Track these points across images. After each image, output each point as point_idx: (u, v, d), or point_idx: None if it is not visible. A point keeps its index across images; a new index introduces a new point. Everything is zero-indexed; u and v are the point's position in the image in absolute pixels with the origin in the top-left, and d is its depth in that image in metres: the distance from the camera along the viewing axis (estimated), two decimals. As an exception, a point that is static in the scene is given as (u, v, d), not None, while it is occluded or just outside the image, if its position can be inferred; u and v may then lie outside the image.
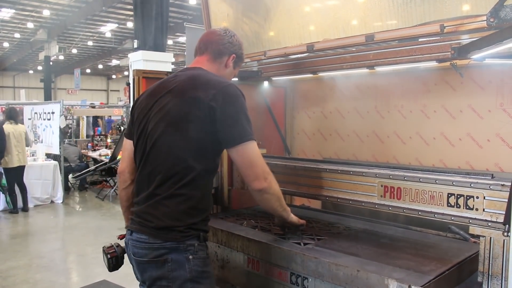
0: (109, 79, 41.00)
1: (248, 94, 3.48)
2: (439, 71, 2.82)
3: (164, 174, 1.86)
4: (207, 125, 1.86)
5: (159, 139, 1.90)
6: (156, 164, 1.90)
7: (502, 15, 1.68)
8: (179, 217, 1.84)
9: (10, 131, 8.41)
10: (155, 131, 1.93)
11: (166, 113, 1.92)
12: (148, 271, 1.88)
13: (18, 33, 22.89)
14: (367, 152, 3.30)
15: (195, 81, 1.95)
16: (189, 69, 2.11)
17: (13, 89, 35.07)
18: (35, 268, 5.60)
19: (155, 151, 1.92)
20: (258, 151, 1.95)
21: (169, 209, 1.85)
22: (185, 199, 1.85)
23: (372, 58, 2.44)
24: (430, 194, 2.03)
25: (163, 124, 1.91)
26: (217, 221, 2.79)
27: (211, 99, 1.85)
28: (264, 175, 1.94)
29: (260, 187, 1.94)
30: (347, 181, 2.34)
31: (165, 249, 1.83)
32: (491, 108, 2.66)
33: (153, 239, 1.84)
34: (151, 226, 1.85)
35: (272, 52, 2.99)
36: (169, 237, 1.83)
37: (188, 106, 1.88)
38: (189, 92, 1.91)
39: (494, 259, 1.81)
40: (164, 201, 1.85)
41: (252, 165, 1.91)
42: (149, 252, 1.85)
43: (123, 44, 24.05)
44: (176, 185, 1.84)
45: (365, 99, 3.31)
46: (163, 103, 1.95)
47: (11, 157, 8.34)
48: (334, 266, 1.98)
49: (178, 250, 1.83)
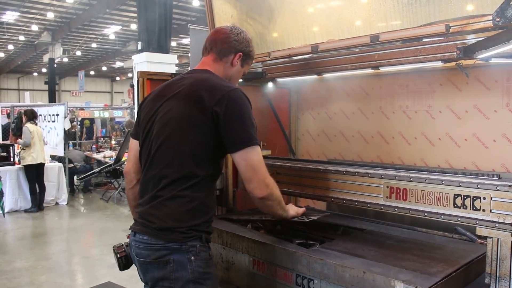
0: (113, 81, 41.11)
1: (253, 95, 3.49)
2: (444, 71, 2.80)
3: (169, 178, 1.86)
4: (211, 130, 1.86)
5: (164, 143, 1.91)
6: (161, 168, 1.90)
7: (509, 15, 1.66)
8: (181, 218, 1.84)
9: (34, 130, 8.77)
10: (159, 135, 1.93)
11: (171, 117, 1.92)
12: (151, 272, 1.88)
13: (23, 35, 23.02)
14: (372, 153, 3.29)
15: (200, 86, 1.94)
16: (195, 72, 2.09)
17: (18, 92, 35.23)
18: (40, 270, 5.61)
19: (160, 155, 1.92)
20: (261, 156, 1.93)
21: (171, 210, 1.85)
22: (188, 201, 1.85)
23: (377, 59, 2.43)
24: (437, 195, 2.01)
25: (168, 129, 1.91)
26: (222, 222, 2.79)
27: (215, 104, 1.84)
28: (265, 182, 1.93)
29: (261, 195, 1.93)
30: (353, 182, 2.33)
31: (167, 250, 1.83)
32: (497, 108, 2.64)
33: (155, 240, 1.85)
34: (153, 227, 1.86)
35: (276, 53, 2.99)
36: (171, 238, 1.83)
37: (193, 111, 1.88)
38: (194, 97, 1.90)
39: (502, 261, 1.79)
40: (167, 202, 1.86)
41: (255, 171, 1.89)
42: (151, 253, 1.86)
43: (127, 46, 24.13)
44: (180, 187, 1.84)
45: (369, 100, 3.29)
46: (169, 107, 1.95)
47: (37, 154, 8.76)
48: (340, 268, 1.97)
49: (180, 251, 1.83)
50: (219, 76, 2.05)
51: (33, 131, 8.72)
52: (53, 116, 10.56)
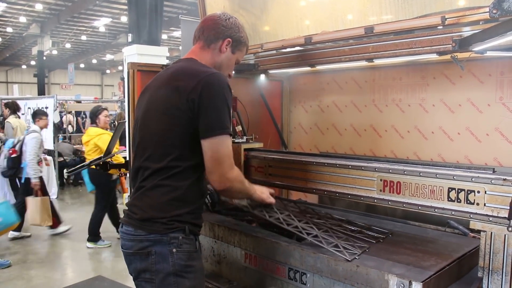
0: (103, 74, 40.74)
1: (245, 87, 3.48)
2: (438, 64, 2.79)
3: (150, 169, 1.85)
4: (190, 119, 1.80)
5: (146, 135, 1.92)
6: (143, 159, 1.90)
7: (506, 7, 1.63)
8: (162, 209, 1.82)
9: (17, 125, 8.33)
10: (142, 126, 1.95)
11: (151, 108, 1.92)
12: (133, 263, 1.87)
13: (11, 27, 22.66)
14: (365, 147, 3.28)
15: (179, 74, 1.88)
16: (180, 61, 2.06)
17: (6, 84, 34.78)
18: (30, 264, 5.55)
19: (142, 147, 1.93)
20: (230, 148, 1.86)
21: (152, 200, 1.83)
22: (169, 190, 1.82)
23: (371, 51, 2.41)
24: (431, 189, 2.00)
25: (147, 121, 1.92)
26: (213, 215, 2.76)
27: (191, 91, 1.79)
28: (227, 177, 1.86)
29: (220, 188, 1.89)
30: (346, 175, 2.31)
31: (149, 242, 1.81)
32: (490, 102, 2.64)
33: (138, 231, 1.83)
34: (136, 218, 1.84)
35: (269, 44, 2.95)
36: (152, 229, 1.81)
37: (170, 101, 1.83)
38: (171, 86, 1.85)
39: (495, 254, 1.78)
40: (148, 192, 1.84)
41: (219, 164, 1.82)
42: (134, 244, 1.84)
43: (117, 39, 23.88)
44: (161, 177, 1.82)
45: (362, 93, 3.28)
46: (151, 99, 1.94)
47: None
48: (333, 262, 1.95)
49: (161, 243, 1.81)
50: (205, 64, 1.98)
51: (16, 126, 8.25)
52: (42, 109, 10.42)
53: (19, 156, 6.26)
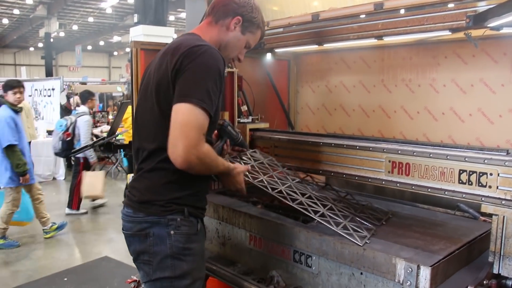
0: (110, 56, 40.61)
1: (250, 66, 3.41)
2: (450, 43, 2.70)
3: (146, 150, 1.80)
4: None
5: (140, 115, 1.89)
6: (140, 140, 1.86)
7: (524, -22, 1.56)
8: (159, 191, 1.78)
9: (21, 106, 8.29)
10: (138, 106, 1.93)
11: (145, 87, 1.86)
12: (133, 244, 1.85)
13: (17, 9, 22.56)
14: (373, 128, 3.21)
15: (171, 48, 1.75)
16: (180, 36, 1.95)
17: (14, 67, 34.81)
18: (37, 245, 5.59)
19: (138, 127, 1.91)
20: (202, 121, 1.63)
21: (150, 183, 1.80)
22: (166, 173, 1.76)
23: (380, 28, 2.32)
24: (441, 171, 1.94)
25: (142, 99, 1.87)
26: (218, 197, 2.72)
27: (174, 64, 1.67)
28: (188, 154, 1.61)
29: (181, 167, 1.66)
30: (353, 156, 2.26)
31: (147, 223, 1.78)
32: (504, 82, 2.55)
33: (137, 212, 1.80)
34: (135, 200, 1.82)
35: (275, 22, 2.88)
36: (151, 211, 1.78)
37: (159, 78, 1.74)
38: (160, 63, 1.76)
39: (507, 239, 1.73)
40: (147, 175, 1.81)
41: (184, 136, 1.59)
42: (133, 226, 1.82)
43: (124, 20, 23.72)
44: (158, 158, 1.76)
45: (371, 73, 3.20)
46: (146, 75, 1.90)
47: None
48: (339, 244, 1.91)
49: (159, 225, 1.77)
50: (208, 40, 1.83)
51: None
52: (49, 91, 10.41)
53: (72, 138, 6.63)
